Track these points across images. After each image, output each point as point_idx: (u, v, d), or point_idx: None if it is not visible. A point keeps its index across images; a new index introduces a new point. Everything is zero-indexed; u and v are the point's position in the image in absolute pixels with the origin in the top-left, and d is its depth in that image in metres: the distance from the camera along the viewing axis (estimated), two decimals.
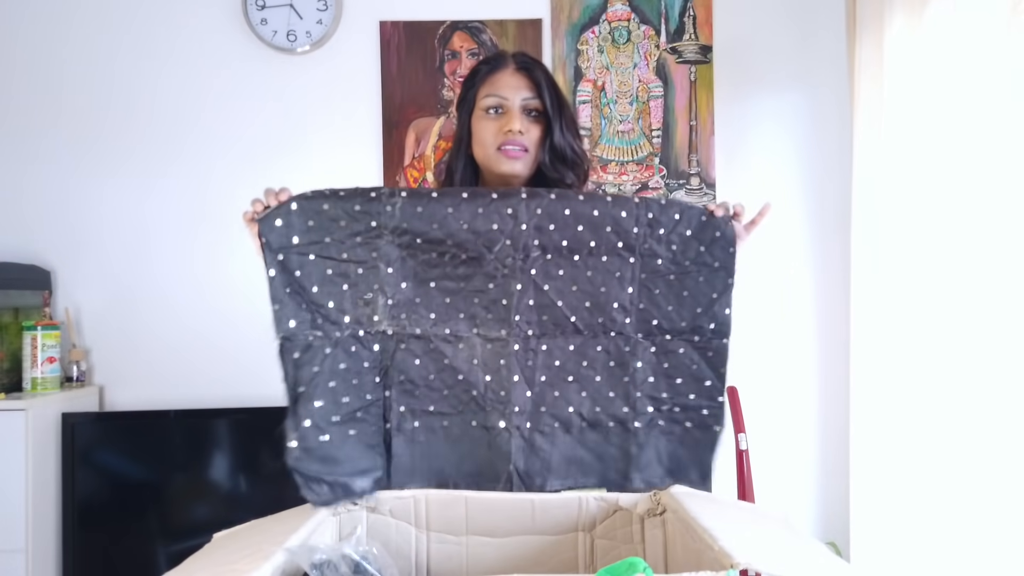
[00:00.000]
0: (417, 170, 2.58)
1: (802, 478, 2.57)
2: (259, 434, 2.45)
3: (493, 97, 1.30)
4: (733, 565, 0.74)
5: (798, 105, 2.61)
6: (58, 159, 2.58)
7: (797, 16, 2.60)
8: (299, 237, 1.10)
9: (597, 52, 2.60)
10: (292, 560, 0.81)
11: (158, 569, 2.30)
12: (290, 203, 1.11)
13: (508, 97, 1.30)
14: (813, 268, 2.59)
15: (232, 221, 2.58)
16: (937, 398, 1.90)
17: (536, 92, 1.30)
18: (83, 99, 2.58)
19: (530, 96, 1.30)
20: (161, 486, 2.42)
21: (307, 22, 2.56)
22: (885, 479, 2.08)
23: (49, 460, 2.30)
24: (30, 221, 2.57)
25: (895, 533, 2.04)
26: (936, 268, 1.92)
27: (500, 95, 1.30)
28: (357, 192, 1.13)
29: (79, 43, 2.58)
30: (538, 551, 1.05)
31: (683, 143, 2.60)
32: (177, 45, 2.59)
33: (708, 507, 1.00)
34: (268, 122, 2.59)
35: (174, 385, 2.56)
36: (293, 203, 1.11)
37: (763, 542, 0.86)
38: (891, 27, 2.06)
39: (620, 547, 1.05)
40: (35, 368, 2.35)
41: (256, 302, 2.58)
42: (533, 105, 1.30)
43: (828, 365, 2.58)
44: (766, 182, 2.61)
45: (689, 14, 2.60)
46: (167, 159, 2.58)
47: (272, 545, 0.83)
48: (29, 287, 2.47)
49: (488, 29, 2.59)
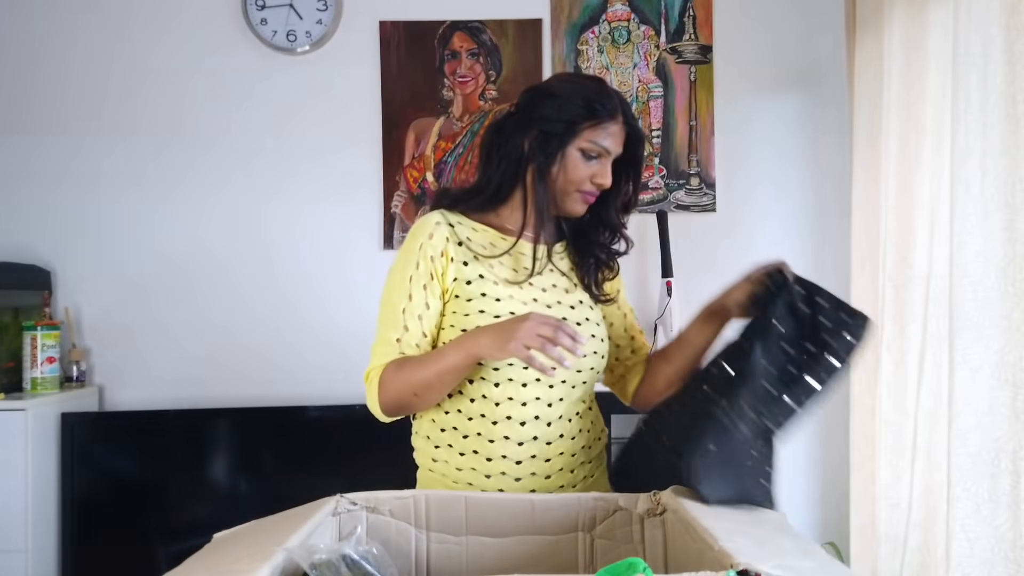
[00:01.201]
0: (417, 170, 2.58)
1: (802, 478, 2.57)
2: (259, 434, 2.45)
3: (597, 145, 1.28)
4: (733, 565, 0.74)
5: (798, 105, 2.61)
6: (58, 159, 2.58)
7: (797, 16, 2.60)
8: None
9: (597, 52, 2.60)
10: (292, 560, 0.81)
11: (158, 569, 2.30)
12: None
13: (610, 149, 1.29)
14: (813, 268, 2.59)
15: (232, 221, 2.60)
16: (937, 398, 1.90)
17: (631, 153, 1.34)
18: (82, 99, 2.58)
19: (622, 153, 1.32)
20: (161, 486, 2.42)
21: (307, 22, 2.56)
22: (885, 479, 2.07)
23: (49, 460, 2.30)
24: (30, 221, 2.57)
25: (895, 533, 2.04)
26: (936, 268, 1.92)
27: (604, 147, 1.29)
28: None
29: (78, 43, 2.58)
30: (538, 551, 1.05)
31: (683, 143, 2.60)
32: (177, 45, 2.59)
33: (709, 508, 1.00)
34: (268, 122, 2.59)
35: (174, 385, 2.56)
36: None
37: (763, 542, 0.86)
38: (891, 27, 2.06)
39: (620, 547, 1.05)
40: (35, 368, 2.35)
41: (256, 302, 2.59)
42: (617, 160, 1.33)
43: None
44: (766, 182, 2.61)
45: (689, 14, 2.60)
46: (166, 159, 2.58)
47: (272, 545, 0.83)
48: (29, 287, 2.47)
49: (488, 29, 2.59)
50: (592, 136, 1.28)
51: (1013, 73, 1.62)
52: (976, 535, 1.70)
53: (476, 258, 1.29)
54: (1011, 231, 1.64)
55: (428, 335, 1.28)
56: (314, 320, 2.57)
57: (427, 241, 1.28)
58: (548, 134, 1.28)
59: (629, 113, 1.33)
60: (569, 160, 1.29)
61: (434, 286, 1.27)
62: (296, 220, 2.58)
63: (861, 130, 2.23)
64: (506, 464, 1.25)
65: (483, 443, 1.26)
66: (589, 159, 1.29)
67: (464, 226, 1.32)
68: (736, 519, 0.96)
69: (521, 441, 1.25)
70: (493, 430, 1.25)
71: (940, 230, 1.91)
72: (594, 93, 1.29)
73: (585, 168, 1.29)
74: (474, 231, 1.33)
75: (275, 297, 2.57)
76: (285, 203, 2.57)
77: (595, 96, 1.29)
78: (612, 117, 1.29)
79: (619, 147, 1.30)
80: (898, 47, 2.04)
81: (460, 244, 1.29)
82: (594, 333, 1.32)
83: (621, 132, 1.30)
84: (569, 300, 1.33)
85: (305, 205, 2.59)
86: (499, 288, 1.28)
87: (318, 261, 2.58)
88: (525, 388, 1.25)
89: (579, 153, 1.28)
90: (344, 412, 2.34)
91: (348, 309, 2.45)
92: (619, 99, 1.31)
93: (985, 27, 1.68)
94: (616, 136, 1.30)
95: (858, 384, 2.23)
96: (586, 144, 1.28)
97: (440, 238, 1.28)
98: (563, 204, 1.32)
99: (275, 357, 2.57)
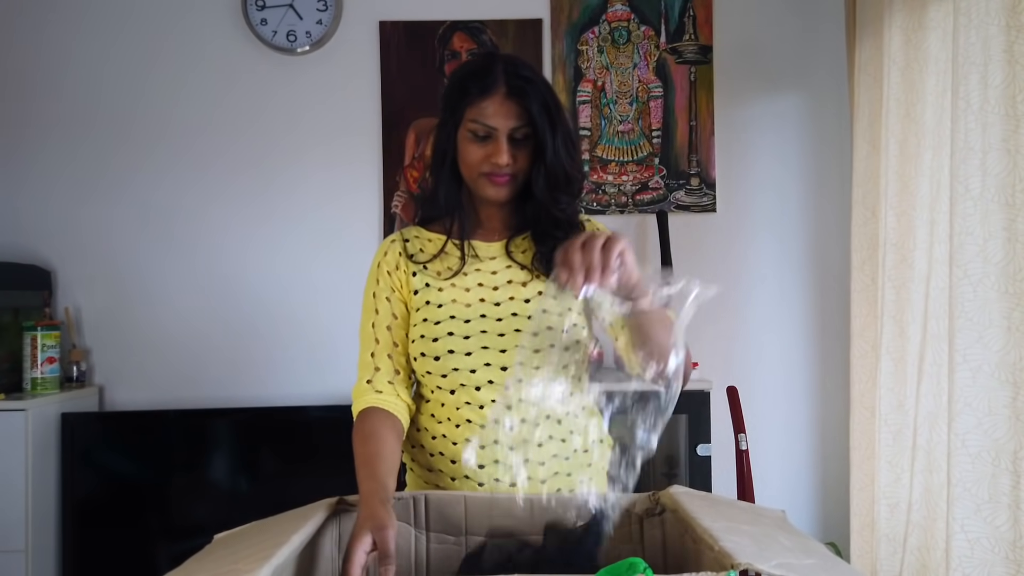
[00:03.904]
0: (417, 170, 2.58)
1: (802, 478, 2.57)
2: (259, 434, 2.45)
3: (480, 124, 1.22)
4: (733, 565, 0.74)
5: (798, 105, 2.61)
6: (58, 160, 2.58)
7: (797, 16, 2.60)
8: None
9: (597, 52, 2.60)
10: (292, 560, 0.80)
11: (158, 569, 2.30)
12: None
13: (496, 127, 1.22)
14: (813, 268, 2.60)
15: (232, 220, 2.60)
16: (937, 398, 1.90)
17: (527, 120, 1.23)
18: (82, 100, 2.58)
19: (519, 124, 1.23)
20: (161, 486, 2.42)
21: (307, 22, 2.56)
22: (885, 479, 2.07)
23: (49, 460, 2.30)
24: (30, 221, 2.57)
25: (895, 534, 2.04)
26: (935, 268, 1.92)
27: (488, 124, 1.22)
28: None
29: (77, 43, 2.58)
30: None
31: (683, 143, 2.60)
32: (176, 45, 2.59)
33: (708, 507, 1.00)
34: (268, 122, 2.59)
35: (174, 385, 2.56)
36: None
37: (763, 542, 0.86)
38: (891, 27, 2.06)
39: (620, 547, 1.05)
40: (35, 368, 2.35)
41: (256, 302, 2.59)
42: (522, 133, 1.24)
43: (828, 365, 2.58)
44: (766, 182, 2.61)
45: (689, 14, 2.60)
46: (166, 159, 2.58)
47: (272, 546, 0.83)
48: (29, 287, 2.47)
49: (488, 29, 2.59)
50: (473, 115, 1.23)
51: (1013, 73, 1.62)
52: (976, 535, 1.70)
53: (424, 268, 1.29)
54: (1011, 231, 1.64)
55: (400, 343, 1.28)
56: (314, 320, 2.57)
57: (383, 259, 1.31)
58: (444, 125, 1.27)
59: (514, 78, 1.23)
60: (461, 145, 1.26)
61: (395, 298, 1.29)
62: (296, 220, 2.58)
63: (861, 130, 2.23)
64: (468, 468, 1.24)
65: (447, 445, 1.26)
66: (480, 139, 1.24)
67: (420, 239, 1.33)
68: (736, 518, 0.96)
69: (483, 444, 1.23)
70: (456, 432, 1.25)
71: (940, 230, 1.91)
72: (470, 72, 1.25)
73: (478, 150, 1.24)
74: (428, 241, 1.32)
75: (275, 297, 2.57)
76: (285, 203, 2.57)
77: (469, 75, 1.25)
78: (487, 92, 1.22)
79: (509, 120, 1.22)
80: (898, 47, 2.04)
81: (411, 257, 1.30)
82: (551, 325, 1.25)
83: (507, 104, 1.22)
84: (525, 293, 1.28)
85: (305, 205, 2.59)
86: (441, 294, 1.27)
87: (318, 261, 2.58)
88: (479, 391, 1.24)
89: (469, 135, 1.24)
90: (344, 412, 2.28)
91: (348, 309, 2.45)
92: (503, 70, 1.22)
93: (985, 27, 1.68)
94: (500, 110, 1.22)
95: (858, 384, 2.23)
96: (471, 125, 1.23)
97: (393, 255, 1.31)
98: (477, 191, 1.28)
99: (275, 357, 2.57)
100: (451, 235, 1.30)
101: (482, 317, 1.25)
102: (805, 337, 2.60)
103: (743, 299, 2.60)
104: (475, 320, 1.25)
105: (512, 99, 1.22)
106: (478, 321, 1.25)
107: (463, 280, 1.28)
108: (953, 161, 1.77)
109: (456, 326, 1.24)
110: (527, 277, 1.29)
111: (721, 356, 2.54)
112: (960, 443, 1.73)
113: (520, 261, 1.30)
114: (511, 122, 1.22)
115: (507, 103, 1.22)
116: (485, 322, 1.25)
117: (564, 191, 1.27)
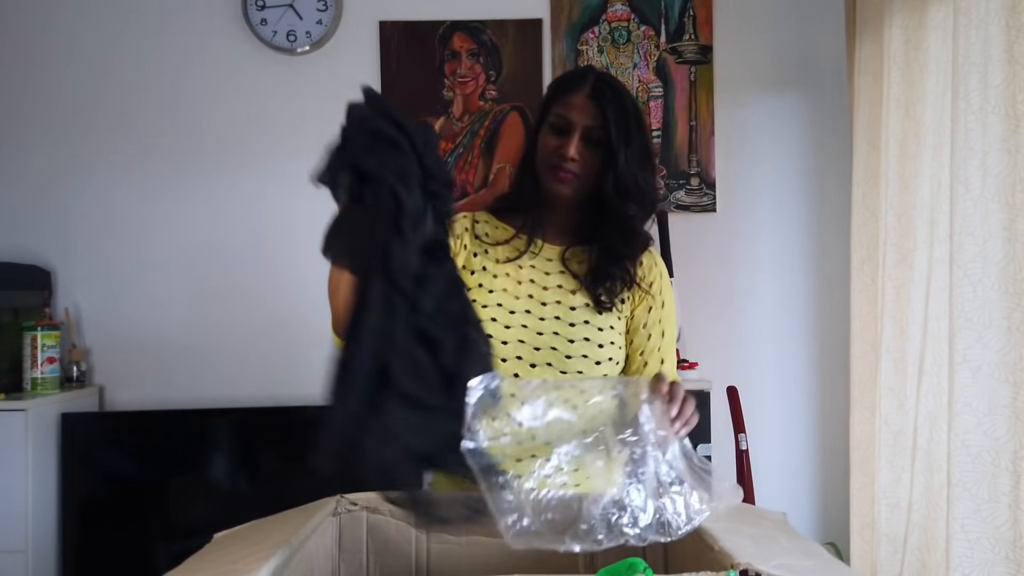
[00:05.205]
0: None
1: (802, 478, 2.57)
2: (259, 434, 2.45)
3: (561, 117, 1.28)
4: (733, 565, 0.74)
5: (798, 105, 2.61)
6: (58, 159, 2.58)
7: (797, 16, 2.60)
8: None
9: (597, 52, 2.60)
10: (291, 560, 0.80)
11: (158, 569, 2.30)
12: None
13: (574, 120, 1.27)
14: (813, 268, 2.60)
15: (232, 220, 2.60)
16: (937, 398, 1.90)
17: (604, 122, 1.27)
18: (82, 99, 2.58)
19: (595, 125, 1.27)
20: (161, 486, 2.42)
21: (307, 22, 2.56)
22: (885, 479, 2.07)
23: (49, 460, 2.30)
24: (30, 221, 2.57)
25: (895, 533, 2.04)
26: (935, 268, 1.92)
27: (566, 117, 1.28)
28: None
29: (77, 43, 2.58)
30: (538, 551, 1.05)
31: (683, 143, 2.60)
32: (176, 45, 2.59)
33: None
34: (268, 122, 2.59)
35: (174, 385, 2.56)
36: None
37: (762, 542, 0.86)
38: (891, 27, 2.06)
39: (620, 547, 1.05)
40: (35, 368, 2.34)
41: (256, 302, 2.59)
42: (597, 135, 1.28)
43: (828, 365, 2.58)
44: (766, 182, 2.61)
45: (689, 14, 2.60)
46: (167, 159, 2.58)
47: (272, 545, 0.83)
48: (29, 287, 2.47)
49: (488, 29, 2.59)
50: (557, 109, 1.29)
51: (1013, 73, 1.62)
52: (976, 535, 1.70)
53: (485, 251, 1.34)
54: (1011, 231, 1.64)
55: None
56: (313, 319, 2.56)
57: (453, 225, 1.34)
58: (535, 124, 1.34)
59: (601, 83, 1.29)
60: (540, 138, 1.31)
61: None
62: (296, 220, 2.57)
63: (861, 130, 2.23)
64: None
65: None
66: (557, 133, 1.29)
67: (489, 224, 1.38)
68: (736, 518, 0.96)
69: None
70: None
71: (940, 230, 1.91)
72: (565, 75, 1.33)
73: (552, 140, 1.29)
74: (495, 228, 1.37)
75: (275, 296, 2.57)
76: (285, 203, 2.57)
77: (564, 77, 1.33)
78: (574, 89, 1.29)
79: (587, 118, 1.27)
80: (898, 47, 2.04)
81: (476, 237, 1.35)
82: (588, 337, 1.31)
83: (589, 103, 1.28)
84: (571, 301, 1.32)
85: (305, 205, 2.57)
86: (495, 280, 1.31)
87: (318, 261, 2.57)
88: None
89: (548, 128, 1.30)
90: None
91: None
92: (595, 76, 1.30)
93: (985, 27, 1.68)
94: (581, 107, 1.28)
95: (858, 384, 2.23)
96: (552, 119, 1.30)
97: (460, 226, 1.34)
98: (545, 186, 1.31)
99: (275, 357, 2.57)
100: (520, 229, 1.34)
101: (527, 312, 1.29)
102: (805, 337, 2.60)
103: (743, 299, 2.60)
104: (519, 313, 1.29)
105: (595, 100, 1.28)
106: (522, 315, 1.29)
107: (518, 272, 1.32)
108: (953, 161, 1.77)
109: (501, 313, 1.28)
110: (576, 286, 1.33)
111: (721, 356, 2.53)
112: (960, 443, 1.73)
113: (573, 271, 1.34)
114: (588, 120, 1.27)
115: (589, 103, 1.28)
116: (528, 318, 1.29)
117: (635, 201, 1.30)
